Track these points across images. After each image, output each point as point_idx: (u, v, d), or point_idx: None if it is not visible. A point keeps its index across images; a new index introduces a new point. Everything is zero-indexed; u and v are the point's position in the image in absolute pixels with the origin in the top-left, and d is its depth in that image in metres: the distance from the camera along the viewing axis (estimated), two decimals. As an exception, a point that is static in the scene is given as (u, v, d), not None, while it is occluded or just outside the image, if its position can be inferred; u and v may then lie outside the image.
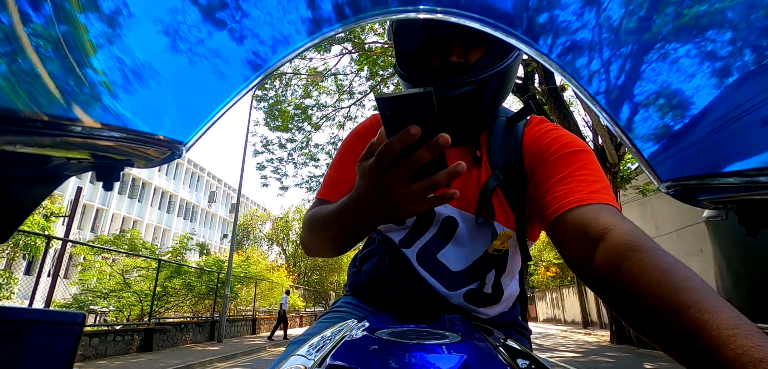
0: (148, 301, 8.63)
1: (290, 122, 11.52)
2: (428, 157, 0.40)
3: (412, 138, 0.38)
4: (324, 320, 0.71)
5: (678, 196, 0.58)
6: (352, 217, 0.50)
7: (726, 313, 0.30)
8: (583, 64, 0.50)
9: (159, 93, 0.54)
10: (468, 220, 0.67)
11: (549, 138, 0.63)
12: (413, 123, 0.38)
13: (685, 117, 0.50)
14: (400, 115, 0.39)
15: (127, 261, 9.64)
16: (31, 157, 0.50)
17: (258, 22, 0.52)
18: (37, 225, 7.90)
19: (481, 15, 0.48)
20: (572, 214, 0.50)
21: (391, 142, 0.39)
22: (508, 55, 0.65)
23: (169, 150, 0.60)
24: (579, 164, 0.57)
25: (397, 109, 0.39)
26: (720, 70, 0.44)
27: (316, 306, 23.85)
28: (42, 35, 0.41)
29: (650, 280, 0.36)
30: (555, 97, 8.55)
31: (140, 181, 27.51)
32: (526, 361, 0.50)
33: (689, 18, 0.42)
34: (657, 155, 0.54)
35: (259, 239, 29.98)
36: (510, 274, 0.72)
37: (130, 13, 0.45)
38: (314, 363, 0.40)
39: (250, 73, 0.57)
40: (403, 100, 0.38)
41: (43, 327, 0.53)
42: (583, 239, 0.47)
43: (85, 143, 0.51)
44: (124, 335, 7.39)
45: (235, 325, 12.52)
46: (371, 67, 9.53)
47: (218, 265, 12.63)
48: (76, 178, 10.07)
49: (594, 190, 0.52)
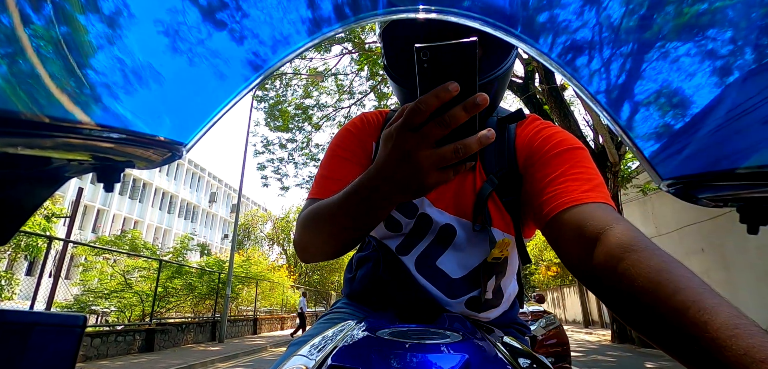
0: (149, 301, 8.64)
1: (291, 122, 11.51)
2: (464, 117, 0.36)
3: (450, 95, 0.35)
4: (324, 321, 0.71)
5: (679, 194, 0.58)
6: (366, 194, 0.45)
7: (726, 312, 0.30)
8: (583, 63, 0.50)
9: (159, 94, 0.54)
10: (465, 227, 0.66)
11: (542, 137, 0.62)
12: (451, 78, 0.35)
13: (686, 116, 0.50)
14: (438, 68, 0.35)
15: (129, 261, 9.65)
16: (32, 159, 0.51)
17: (258, 22, 0.52)
18: (39, 226, 7.92)
19: (481, 14, 0.48)
20: (568, 214, 0.49)
21: (427, 98, 0.35)
22: (508, 55, 0.65)
23: (170, 151, 0.60)
24: (573, 162, 0.56)
25: (437, 60, 0.35)
26: (720, 68, 0.44)
27: (318, 306, 23.86)
28: (42, 36, 0.41)
29: (649, 280, 0.36)
30: (555, 96, 8.54)
31: (141, 181, 27.54)
32: (528, 360, 0.49)
33: (690, 17, 0.42)
34: (658, 154, 0.54)
35: (259, 239, 29.99)
36: (510, 276, 0.71)
37: (131, 13, 0.45)
38: (315, 363, 0.40)
39: (251, 73, 0.57)
40: (445, 50, 0.35)
41: (44, 329, 0.53)
42: (579, 239, 0.47)
43: (85, 144, 0.51)
44: (126, 336, 7.40)
45: (236, 325, 12.53)
46: (371, 67, 9.52)
47: (219, 265, 12.65)
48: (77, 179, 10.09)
49: (589, 189, 0.51)
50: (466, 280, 0.67)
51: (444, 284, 0.66)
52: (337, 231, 0.52)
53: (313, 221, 0.56)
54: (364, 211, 0.47)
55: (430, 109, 0.36)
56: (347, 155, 0.70)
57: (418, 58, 0.36)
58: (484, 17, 0.48)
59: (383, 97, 10.40)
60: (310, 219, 0.57)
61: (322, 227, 0.54)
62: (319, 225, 0.55)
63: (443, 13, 0.49)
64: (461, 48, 0.35)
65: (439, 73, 0.36)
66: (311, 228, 0.57)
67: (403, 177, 0.40)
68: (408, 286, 0.67)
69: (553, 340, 4.68)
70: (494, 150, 0.67)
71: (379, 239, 0.72)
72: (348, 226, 0.50)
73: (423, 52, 0.36)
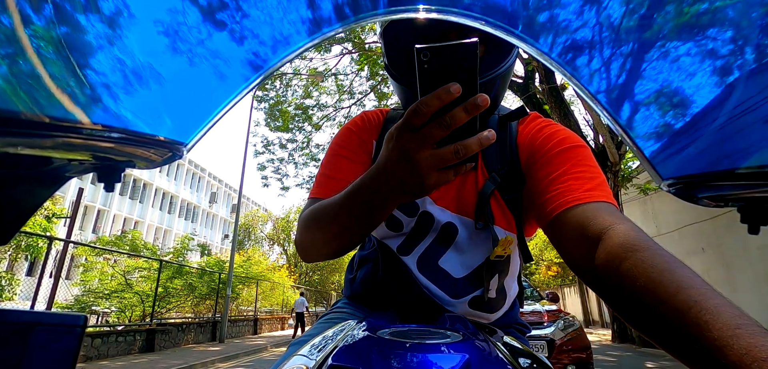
0: (149, 301, 8.64)
1: (291, 122, 11.51)
2: (465, 118, 0.36)
3: (451, 96, 0.35)
4: (324, 321, 0.71)
5: (679, 194, 0.58)
6: (368, 195, 0.45)
7: (728, 312, 0.30)
8: (583, 62, 0.50)
9: (160, 94, 0.54)
10: (467, 225, 0.66)
11: (544, 135, 0.62)
12: (452, 79, 0.35)
13: (687, 115, 0.50)
14: (439, 69, 0.35)
15: (129, 262, 9.65)
16: (33, 159, 0.51)
17: (258, 22, 0.52)
18: (39, 226, 7.92)
19: (482, 14, 0.48)
20: (570, 214, 0.49)
21: (428, 99, 0.35)
22: (509, 53, 0.64)
23: (170, 151, 0.60)
24: (575, 161, 0.56)
25: (438, 61, 0.35)
26: (721, 68, 0.44)
27: (318, 306, 23.86)
28: (42, 37, 0.41)
29: (650, 280, 0.36)
30: (555, 96, 8.54)
31: (141, 182, 27.56)
32: (528, 360, 0.50)
33: (690, 16, 0.42)
34: (658, 154, 0.54)
35: (260, 240, 30.00)
36: (512, 275, 0.71)
37: (131, 14, 0.46)
38: (316, 363, 0.40)
39: (251, 73, 0.57)
40: (445, 51, 0.35)
41: (45, 329, 0.53)
42: (581, 239, 0.47)
43: (86, 144, 0.51)
44: (126, 336, 7.41)
45: (236, 325, 12.54)
46: (371, 67, 9.52)
47: (219, 265, 12.65)
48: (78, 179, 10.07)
49: (591, 188, 0.51)
50: (469, 279, 0.66)
51: (447, 284, 0.66)
52: (338, 231, 0.52)
53: (314, 221, 0.56)
54: (365, 211, 0.47)
55: (431, 110, 0.36)
56: (348, 154, 0.70)
57: (419, 59, 0.36)
58: (484, 17, 0.48)
59: (383, 97, 10.40)
60: (311, 219, 0.57)
61: (324, 227, 0.54)
62: (320, 225, 0.55)
63: (444, 13, 0.49)
64: (462, 48, 0.35)
65: (440, 74, 0.36)
66: (313, 228, 0.57)
67: (403, 177, 0.40)
68: (409, 287, 0.67)
69: (575, 346, 4.22)
70: (496, 148, 0.66)
71: (380, 239, 0.72)
72: (349, 225, 0.50)
73: (423, 52, 0.35)
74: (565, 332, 4.31)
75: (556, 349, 4.17)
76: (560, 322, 4.41)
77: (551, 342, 4.17)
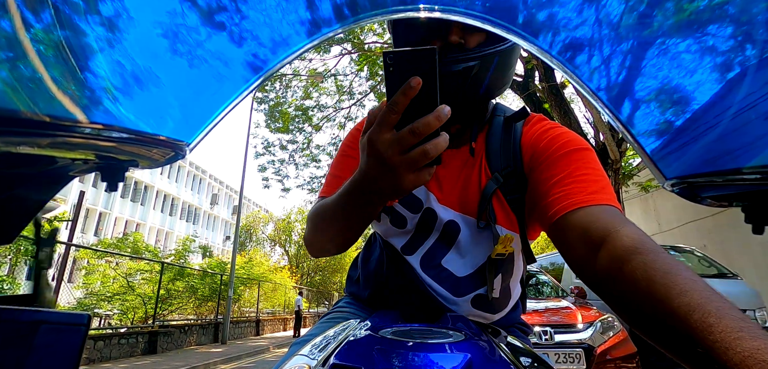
0: (151, 303, 8.65)
1: (291, 124, 11.51)
2: (435, 124, 0.39)
3: (414, 91, 0.38)
4: (326, 320, 0.71)
5: (683, 194, 0.58)
6: (355, 195, 0.49)
7: (730, 315, 0.30)
8: (583, 60, 0.50)
9: (161, 95, 0.54)
10: (470, 224, 0.66)
11: (548, 137, 0.62)
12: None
13: (688, 112, 0.50)
14: (402, 73, 0.39)
15: (131, 264, 9.67)
16: (37, 159, 0.51)
17: (257, 24, 0.52)
18: (41, 229, 7.92)
19: (482, 13, 0.48)
20: (573, 217, 0.49)
21: (396, 98, 0.39)
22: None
23: (173, 151, 0.60)
24: (579, 164, 0.56)
25: (401, 66, 0.39)
26: (722, 64, 0.44)
27: (320, 306, 23.88)
28: (43, 40, 0.42)
29: (653, 283, 0.36)
30: (556, 94, 8.52)
31: (142, 184, 27.61)
32: (529, 359, 0.49)
33: (690, 13, 0.42)
34: (660, 151, 0.54)
35: (261, 241, 30.04)
36: (516, 277, 0.71)
37: (131, 16, 0.46)
38: (318, 362, 0.40)
39: (251, 75, 0.57)
40: (407, 56, 0.39)
41: (50, 327, 0.54)
42: (585, 242, 0.47)
43: (89, 144, 0.52)
44: (129, 338, 7.42)
45: (238, 326, 12.54)
46: (371, 67, 9.52)
47: (221, 266, 12.66)
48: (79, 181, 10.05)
49: (595, 191, 0.51)
50: (472, 277, 0.67)
51: (450, 283, 0.67)
52: (338, 228, 0.57)
53: (318, 219, 0.62)
54: (356, 211, 0.51)
55: (402, 107, 0.39)
56: (354, 154, 0.72)
57: (385, 63, 0.39)
58: (485, 15, 0.48)
59: (383, 97, 10.38)
60: (316, 217, 0.63)
61: (325, 225, 0.59)
62: (322, 222, 0.60)
63: (445, 12, 0.49)
64: (421, 54, 0.38)
65: (404, 78, 0.39)
66: (317, 226, 0.63)
67: (381, 180, 0.44)
68: (413, 286, 0.68)
69: (619, 354, 3.15)
70: (500, 148, 0.67)
71: (385, 239, 0.73)
72: (345, 223, 0.55)
73: (389, 57, 0.39)
74: (605, 335, 3.29)
75: (595, 359, 3.08)
76: (598, 324, 3.34)
77: (590, 350, 3.13)
